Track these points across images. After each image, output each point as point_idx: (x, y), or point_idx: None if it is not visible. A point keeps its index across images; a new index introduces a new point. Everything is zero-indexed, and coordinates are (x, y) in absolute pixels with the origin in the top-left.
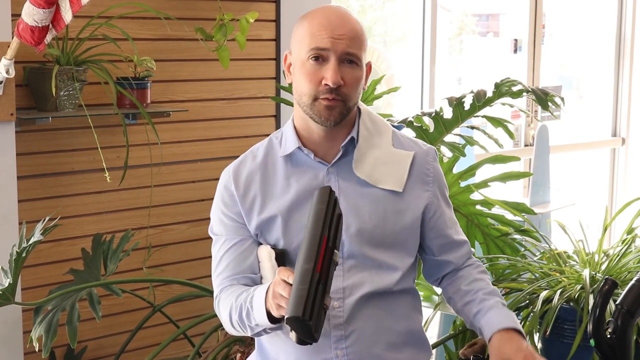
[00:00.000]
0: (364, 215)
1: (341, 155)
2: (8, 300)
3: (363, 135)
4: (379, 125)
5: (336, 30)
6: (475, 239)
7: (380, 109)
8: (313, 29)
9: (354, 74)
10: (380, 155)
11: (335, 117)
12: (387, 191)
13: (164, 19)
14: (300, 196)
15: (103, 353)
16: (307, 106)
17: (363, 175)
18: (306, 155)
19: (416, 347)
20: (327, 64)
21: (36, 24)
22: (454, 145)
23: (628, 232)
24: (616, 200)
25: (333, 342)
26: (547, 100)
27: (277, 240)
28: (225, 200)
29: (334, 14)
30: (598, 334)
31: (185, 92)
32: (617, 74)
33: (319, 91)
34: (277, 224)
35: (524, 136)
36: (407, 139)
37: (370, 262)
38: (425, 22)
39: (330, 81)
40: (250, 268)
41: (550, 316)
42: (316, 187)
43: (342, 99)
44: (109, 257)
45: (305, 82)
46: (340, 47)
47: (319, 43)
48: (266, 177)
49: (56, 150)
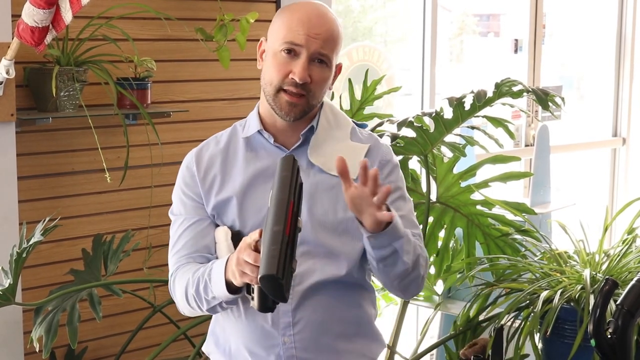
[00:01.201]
0: (318, 201)
1: (300, 143)
2: (8, 300)
3: (323, 125)
4: (340, 119)
5: (313, 29)
6: (475, 239)
7: (381, 109)
8: (291, 23)
9: (322, 74)
10: (336, 146)
11: (296, 114)
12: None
13: (164, 19)
14: (256, 179)
15: (103, 353)
16: (270, 96)
17: (318, 162)
18: (266, 140)
19: (368, 337)
20: (298, 59)
21: (36, 25)
22: (454, 146)
23: (629, 232)
24: (617, 200)
25: (281, 328)
26: (547, 100)
27: (232, 221)
28: (187, 180)
29: (315, 12)
30: (599, 334)
31: (185, 92)
32: (617, 74)
33: (285, 82)
34: (233, 205)
35: (525, 136)
36: (366, 135)
37: (322, 249)
38: (426, 22)
39: (298, 77)
40: (206, 248)
41: (551, 316)
42: (273, 171)
43: (306, 94)
44: (109, 257)
45: (273, 72)
46: (313, 46)
47: (294, 38)
48: (227, 160)
49: (56, 151)
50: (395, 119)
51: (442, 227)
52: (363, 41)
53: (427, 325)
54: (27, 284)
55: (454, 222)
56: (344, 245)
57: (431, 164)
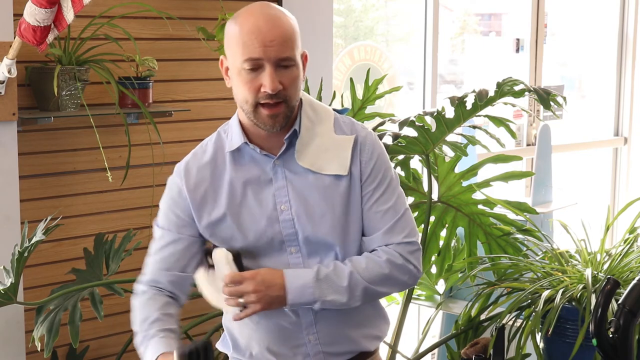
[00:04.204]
0: (314, 203)
1: (286, 148)
2: (10, 299)
3: (305, 125)
4: (321, 113)
5: (267, 37)
6: (477, 238)
7: (382, 109)
8: (244, 38)
9: (291, 75)
10: (322, 143)
11: (280, 123)
12: (332, 176)
13: (166, 18)
14: (247, 189)
15: (105, 353)
16: (250, 113)
17: (306, 164)
18: (252, 150)
19: (380, 318)
20: (264, 71)
21: (38, 24)
22: (456, 145)
23: (630, 231)
24: (618, 200)
25: (304, 328)
26: (549, 99)
27: (231, 236)
28: (174, 195)
29: (263, 18)
30: (600, 334)
31: (187, 91)
32: (619, 73)
33: (259, 97)
34: (228, 222)
35: (526, 136)
36: (349, 124)
37: (325, 247)
38: (428, 21)
39: (269, 89)
40: (182, 267)
41: (552, 316)
42: (264, 180)
43: (283, 100)
44: (110, 256)
45: (244, 90)
46: (273, 55)
47: (252, 53)
48: (215, 172)
49: (58, 150)
50: (396, 118)
51: (443, 226)
52: (364, 40)
53: (429, 324)
54: (28, 283)
55: (455, 221)
56: (344, 240)
57: (433, 163)
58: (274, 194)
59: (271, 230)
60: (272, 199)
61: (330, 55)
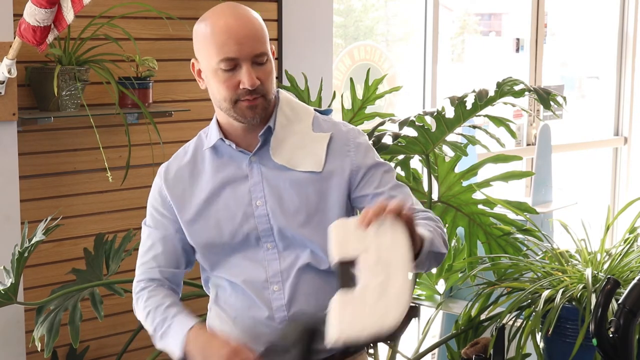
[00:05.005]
0: (288, 199)
1: (261, 144)
2: (10, 300)
3: (280, 122)
4: (299, 111)
5: (240, 36)
6: (477, 238)
7: (382, 109)
8: (216, 39)
9: (266, 70)
10: (297, 140)
11: (259, 114)
12: (307, 173)
13: (166, 18)
14: (224, 186)
15: (105, 353)
16: (229, 110)
17: (281, 160)
18: (228, 146)
19: None
20: (240, 69)
21: (38, 24)
22: (456, 145)
23: (630, 231)
24: (618, 200)
25: (277, 323)
26: (549, 99)
27: (209, 233)
28: (156, 195)
29: (232, 17)
30: (600, 333)
31: (187, 91)
32: (619, 73)
33: (238, 94)
34: (206, 217)
35: (526, 135)
36: (329, 122)
37: (301, 242)
38: (427, 21)
39: (248, 85)
40: (175, 263)
41: (553, 315)
42: (240, 176)
43: (262, 94)
44: (111, 256)
45: (222, 89)
46: (247, 52)
47: (227, 53)
48: (194, 173)
49: (58, 150)
50: (396, 118)
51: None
52: (364, 40)
53: (429, 324)
54: (28, 284)
55: (455, 221)
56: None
57: (433, 163)
58: (249, 189)
59: (247, 226)
60: (247, 195)
61: (330, 55)
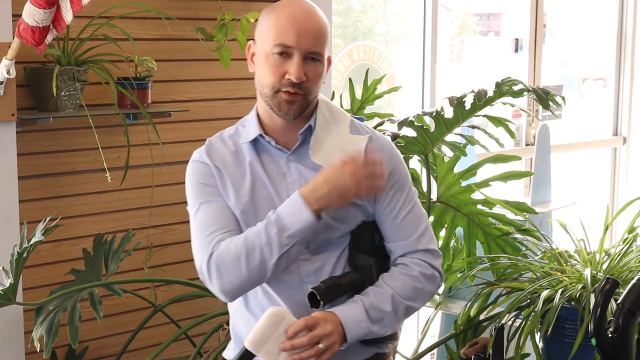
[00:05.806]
0: None
1: (300, 143)
2: (9, 300)
3: (320, 123)
4: (337, 114)
5: (302, 28)
6: (476, 238)
7: (381, 109)
8: (279, 24)
9: (316, 70)
10: (336, 141)
11: (295, 111)
12: None
13: (165, 19)
14: (262, 183)
15: (104, 353)
16: (268, 97)
17: (320, 160)
18: (267, 143)
19: None
20: (291, 59)
21: (37, 24)
22: (455, 145)
23: (629, 231)
24: (617, 200)
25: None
26: (548, 99)
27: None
28: (201, 171)
29: (301, 10)
30: (599, 333)
31: (186, 92)
32: (618, 73)
33: (282, 84)
34: (245, 214)
35: (525, 135)
36: (365, 128)
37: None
38: (426, 21)
39: (294, 77)
40: (237, 224)
41: (552, 316)
42: (279, 173)
43: (303, 92)
44: (110, 257)
45: (268, 75)
46: (304, 45)
47: (285, 40)
48: (238, 163)
49: (57, 151)
50: (395, 119)
51: (442, 226)
52: (363, 40)
53: (428, 324)
54: (27, 284)
55: (454, 221)
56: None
57: (432, 163)
58: (287, 187)
59: None
60: (285, 193)
61: None
